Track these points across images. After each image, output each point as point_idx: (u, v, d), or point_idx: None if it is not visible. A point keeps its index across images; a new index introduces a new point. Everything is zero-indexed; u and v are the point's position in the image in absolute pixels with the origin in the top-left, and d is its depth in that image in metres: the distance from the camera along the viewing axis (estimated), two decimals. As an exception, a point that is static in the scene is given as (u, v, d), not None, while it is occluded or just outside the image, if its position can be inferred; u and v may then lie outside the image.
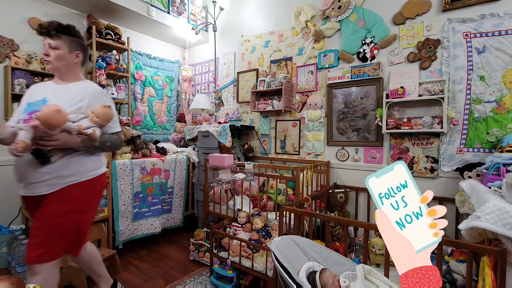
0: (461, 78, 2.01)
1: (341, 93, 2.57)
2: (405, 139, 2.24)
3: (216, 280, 1.99)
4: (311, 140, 2.75)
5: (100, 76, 2.76)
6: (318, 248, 1.41)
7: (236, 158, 2.97)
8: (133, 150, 2.72)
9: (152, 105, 3.60)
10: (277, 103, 2.84)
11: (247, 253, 1.94)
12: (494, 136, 1.90)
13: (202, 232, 2.49)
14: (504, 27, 1.86)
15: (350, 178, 2.54)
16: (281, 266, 1.20)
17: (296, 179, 2.06)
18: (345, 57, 2.55)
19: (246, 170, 2.27)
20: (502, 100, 1.88)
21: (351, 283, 1.12)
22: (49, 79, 2.56)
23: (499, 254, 1.03)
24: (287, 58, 2.96)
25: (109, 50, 3.01)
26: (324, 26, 2.66)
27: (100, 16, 3.02)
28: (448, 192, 2.07)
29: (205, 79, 3.88)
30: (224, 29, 3.59)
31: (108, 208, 2.37)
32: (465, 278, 1.38)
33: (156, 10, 3.13)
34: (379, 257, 1.86)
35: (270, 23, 3.14)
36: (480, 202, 1.26)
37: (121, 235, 2.46)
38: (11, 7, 2.45)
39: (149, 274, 2.20)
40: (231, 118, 3.37)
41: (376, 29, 2.37)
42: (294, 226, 1.70)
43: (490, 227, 1.10)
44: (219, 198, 2.56)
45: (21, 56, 2.43)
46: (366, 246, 1.44)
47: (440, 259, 1.20)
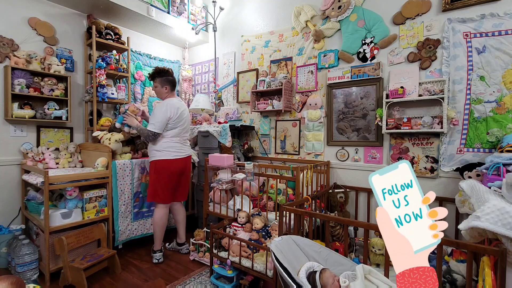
0: (461, 78, 2.01)
1: (341, 93, 2.57)
2: (405, 139, 2.25)
3: (216, 280, 1.99)
4: (311, 140, 2.75)
5: (100, 76, 2.76)
6: (318, 248, 1.41)
7: (236, 158, 2.97)
8: (133, 150, 2.72)
9: (152, 105, 3.60)
10: (277, 103, 2.84)
11: (247, 253, 1.94)
12: (494, 136, 1.90)
13: (202, 232, 2.49)
14: (504, 27, 1.86)
15: (350, 178, 2.54)
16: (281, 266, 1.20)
17: (296, 179, 2.06)
18: (345, 57, 2.55)
19: (246, 170, 2.27)
20: (502, 100, 1.88)
21: (351, 283, 1.12)
22: (49, 79, 2.57)
23: (499, 254, 1.03)
24: (287, 58, 2.96)
25: (109, 50, 3.01)
26: (324, 26, 2.66)
27: (100, 16, 3.02)
28: (448, 192, 2.07)
29: (205, 79, 3.88)
30: (224, 29, 3.59)
31: (108, 208, 2.37)
32: (465, 278, 1.38)
33: (156, 10, 3.13)
34: (379, 257, 1.86)
35: (270, 23, 3.14)
36: (480, 202, 1.26)
37: (121, 235, 2.46)
38: (11, 7, 2.45)
39: (149, 274, 2.20)
40: (231, 118, 3.37)
41: (376, 29, 2.37)
42: (294, 226, 1.70)
43: (490, 227, 1.10)
44: (219, 198, 2.55)
45: (21, 56, 2.43)
46: (366, 246, 1.44)
47: (440, 259, 1.20)
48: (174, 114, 2.29)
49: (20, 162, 2.50)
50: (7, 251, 2.17)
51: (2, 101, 2.40)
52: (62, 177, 2.08)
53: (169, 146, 2.33)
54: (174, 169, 2.35)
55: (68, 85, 2.66)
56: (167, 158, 2.32)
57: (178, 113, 2.32)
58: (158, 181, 2.31)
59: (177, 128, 2.35)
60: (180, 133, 2.38)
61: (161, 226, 2.38)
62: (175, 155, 2.34)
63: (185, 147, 2.47)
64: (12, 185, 2.48)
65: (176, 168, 2.36)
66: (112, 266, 2.24)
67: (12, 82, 2.36)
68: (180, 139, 2.40)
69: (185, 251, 2.56)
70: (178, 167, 2.37)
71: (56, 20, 2.73)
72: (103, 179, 2.33)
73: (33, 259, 2.01)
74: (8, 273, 2.11)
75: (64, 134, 2.79)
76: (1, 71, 2.38)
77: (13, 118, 2.36)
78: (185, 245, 2.58)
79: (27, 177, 2.32)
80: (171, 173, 2.34)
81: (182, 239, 2.59)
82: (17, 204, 2.50)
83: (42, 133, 2.64)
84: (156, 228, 2.37)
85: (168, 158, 2.32)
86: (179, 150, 2.38)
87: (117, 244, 2.45)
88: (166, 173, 2.32)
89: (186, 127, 2.44)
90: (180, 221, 2.58)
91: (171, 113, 2.28)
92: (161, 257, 2.39)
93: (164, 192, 2.33)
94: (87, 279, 1.97)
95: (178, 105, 2.34)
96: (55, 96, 2.59)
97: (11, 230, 2.22)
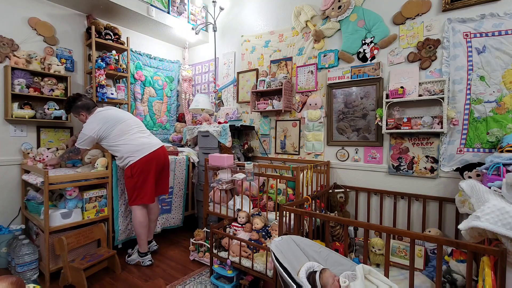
0: (461, 78, 2.01)
1: (341, 93, 2.57)
2: (405, 139, 2.25)
3: (216, 280, 1.99)
4: (311, 140, 2.75)
5: (99, 76, 2.76)
6: (318, 248, 1.41)
7: (236, 158, 2.97)
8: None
9: (152, 105, 3.60)
10: (277, 103, 2.84)
11: (247, 253, 1.94)
12: (494, 136, 1.90)
13: (202, 232, 2.49)
14: (504, 27, 1.86)
15: (350, 178, 2.54)
16: (281, 266, 1.20)
17: (296, 179, 2.06)
18: (345, 57, 2.55)
19: (246, 170, 2.27)
20: (502, 100, 1.88)
21: (351, 283, 1.12)
22: (49, 79, 2.57)
23: (499, 254, 1.03)
24: (287, 58, 2.96)
25: (108, 50, 3.01)
26: (324, 26, 2.66)
27: (100, 16, 3.02)
28: (448, 192, 2.07)
29: (205, 79, 3.88)
30: (224, 29, 3.59)
31: (108, 208, 2.37)
32: (465, 278, 1.38)
33: (156, 10, 3.13)
34: (379, 257, 1.86)
35: (270, 23, 3.14)
36: (480, 202, 1.26)
37: (121, 235, 2.46)
38: (11, 7, 2.45)
39: (149, 274, 2.20)
40: (231, 118, 3.37)
41: (376, 29, 2.37)
42: (294, 226, 1.70)
43: (490, 227, 1.10)
44: (219, 198, 2.55)
45: (21, 56, 2.42)
46: (366, 246, 1.44)
47: (440, 259, 1.20)
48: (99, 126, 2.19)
49: (20, 162, 2.50)
50: (7, 251, 2.17)
51: (2, 101, 2.40)
52: (62, 177, 2.08)
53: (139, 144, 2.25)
54: (155, 161, 2.30)
55: (68, 85, 2.66)
56: (143, 155, 2.24)
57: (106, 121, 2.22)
58: (140, 183, 2.24)
59: (116, 129, 2.23)
60: (127, 130, 2.27)
61: (145, 226, 2.31)
62: (149, 148, 2.28)
63: (154, 140, 2.39)
64: (12, 185, 2.48)
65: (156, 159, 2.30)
66: (112, 266, 2.24)
67: (12, 82, 2.36)
68: (139, 135, 2.31)
69: (147, 263, 2.33)
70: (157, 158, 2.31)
71: (56, 20, 2.73)
72: (103, 179, 2.33)
73: (33, 259, 2.01)
74: (8, 273, 2.11)
75: (64, 134, 2.79)
76: (1, 71, 2.38)
77: (13, 118, 2.36)
78: (147, 256, 2.36)
79: (27, 177, 2.32)
80: (151, 168, 2.28)
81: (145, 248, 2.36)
82: (17, 204, 2.50)
83: (42, 133, 2.64)
84: (140, 229, 2.28)
85: (146, 154, 2.24)
86: (148, 144, 2.30)
87: (116, 243, 2.45)
88: (146, 171, 2.26)
89: (128, 122, 2.31)
90: (153, 220, 2.50)
91: (95, 126, 2.19)
92: (151, 258, 2.36)
93: (147, 191, 2.27)
94: (87, 279, 1.97)
95: (99, 116, 2.23)
96: (55, 96, 2.59)
97: (11, 230, 2.22)
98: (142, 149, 2.26)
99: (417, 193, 2.17)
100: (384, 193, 2.32)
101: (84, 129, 2.21)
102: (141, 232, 2.30)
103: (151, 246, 2.52)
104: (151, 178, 2.29)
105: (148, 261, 2.33)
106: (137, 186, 2.24)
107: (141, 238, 2.32)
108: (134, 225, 2.31)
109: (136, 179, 2.23)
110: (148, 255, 2.36)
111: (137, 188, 2.25)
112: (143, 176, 2.25)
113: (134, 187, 2.24)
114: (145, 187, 2.27)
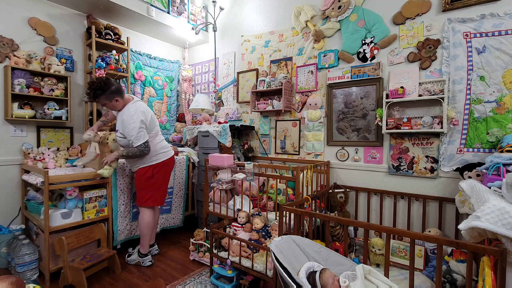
0: (461, 78, 2.01)
1: (341, 93, 2.57)
2: (405, 139, 2.24)
3: (216, 280, 1.99)
4: (311, 140, 2.75)
5: (99, 76, 2.76)
6: (318, 248, 1.41)
7: (236, 158, 2.97)
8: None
9: (152, 105, 3.60)
10: (277, 103, 2.84)
11: (247, 253, 1.94)
12: (494, 136, 1.90)
13: (202, 232, 2.49)
14: (504, 27, 1.86)
15: (350, 178, 2.54)
16: (281, 266, 1.20)
17: (296, 179, 2.05)
18: (345, 57, 2.55)
19: (246, 170, 2.27)
20: (502, 100, 1.88)
21: (351, 283, 1.12)
22: (49, 79, 2.57)
23: (499, 254, 1.03)
24: (287, 58, 2.96)
25: (108, 50, 3.01)
26: (324, 26, 2.66)
27: (100, 16, 3.02)
28: (448, 192, 2.07)
29: (205, 79, 3.88)
30: (224, 29, 3.59)
31: (108, 208, 2.37)
32: (465, 278, 1.38)
33: (156, 10, 3.13)
34: (379, 257, 1.86)
35: (270, 23, 3.14)
36: (480, 202, 1.26)
37: (120, 235, 2.46)
38: (11, 7, 2.45)
39: (149, 274, 2.20)
40: (231, 118, 3.37)
41: (376, 29, 2.37)
42: (294, 226, 1.70)
43: (490, 227, 1.10)
44: (219, 198, 2.55)
45: (21, 56, 2.43)
46: (366, 246, 1.44)
47: (440, 259, 1.20)
48: (144, 117, 2.12)
49: (20, 162, 2.50)
50: (7, 251, 2.17)
51: (2, 101, 2.40)
52: (62, 177, 2.08)
53: (162, 147, 2.32)
54: (172, 166, 2.42)
55: (68, 85, 2.66)
56: (166, 158, 2.33)
57: (147, 115, 2.17)
58: (158, 185, 2.28)
59: (155, 129, 2.26)
60: (158, 131, 2.33)
61: (152, 227, 2.36)
62: (170, 153, 2.38)
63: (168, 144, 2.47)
64: (12, 185, 2.48)
65: (172, 165, 2.43)
66: (112, 266, 2.24)
67: (12, 82, 2.36)
68: (161, 137, 2.36)
69: (147, 264, 2.33)
70: (173, 164, 2.44)
71: (56, 20, 2.73)
72: (103, 179, 2.33)
73: (33, 259, 2.01)
74: (8, 273, 2.11)
75: (64, 134, 2.79)
76: (1, 71, 2.38)
77: (13, 118, 2.36)
78: (148, 257, 2.35)
79: (27, 177, 2.32)
80: (169, 172, 2.38)
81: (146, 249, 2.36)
82: (17, 204, 2.50)
83: (42, 133, 2.64)
84: (146, 231, 2.30)
85: (168, 158, 2.35)
86: (169, 148, 2.41)
87: (115, 243, 2.45)
88: (165, 174, 2.34)
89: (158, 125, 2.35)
90: (156, 222, 2.54)
91: (142, 116, 2.10)
92: (151, 259, 2.37)
93: (161, 194, 2.34)
94: (87, 279, 1.97)
95: (141, 108, 2.14)
96: (55, 96, 2.59)
97: (11, 230, 2.22)
98: (167, 151, 2.35)
99: (417, 193, 2.17)
100: (384, 193, 2.32)
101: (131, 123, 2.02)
102: (147, 233, 2.31)
103: (152, 249, 2.51)
104: (167, 181, 2.36)
105: (148, 262, 2.33)
106: (154, 188, 2.26)
107: (145, 239, 2.32)
108: (141, 226, 2.30)
109: (155, 179, 2.26)
110: (149, 255, 2.36)
111: (153, 189, 2.26)
112: (162, 178, 2.30)
113: (151, 188, 2.25)
114: (161, 189, 2.32)
